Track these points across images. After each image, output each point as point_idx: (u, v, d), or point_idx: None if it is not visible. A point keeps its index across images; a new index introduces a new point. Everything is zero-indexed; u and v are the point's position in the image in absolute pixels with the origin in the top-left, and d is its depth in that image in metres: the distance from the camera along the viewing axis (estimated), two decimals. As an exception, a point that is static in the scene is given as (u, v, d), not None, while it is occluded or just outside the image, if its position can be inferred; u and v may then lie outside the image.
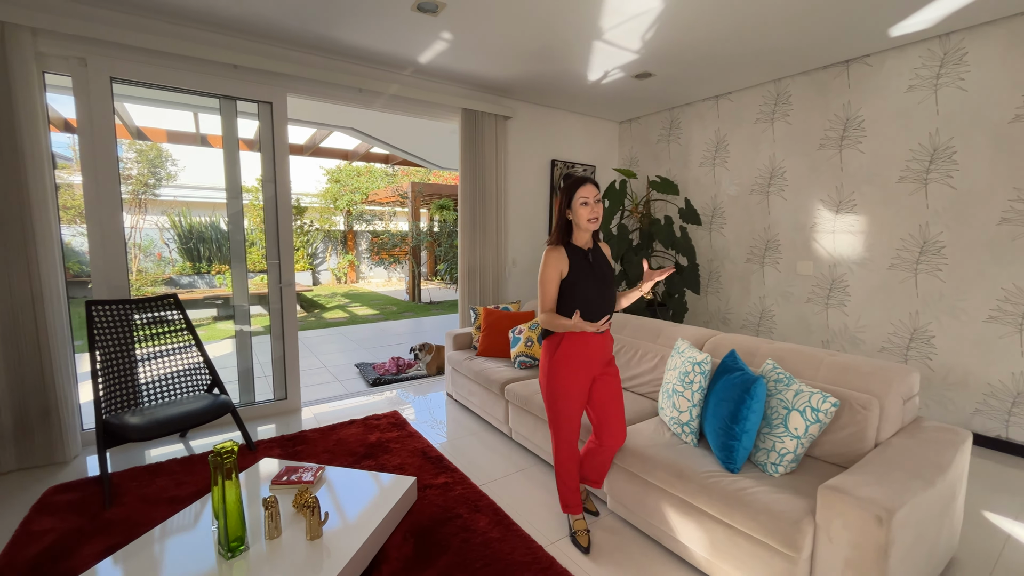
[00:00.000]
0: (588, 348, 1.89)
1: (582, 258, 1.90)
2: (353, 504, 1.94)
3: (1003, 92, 2.78)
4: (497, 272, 4.32)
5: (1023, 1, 2.57)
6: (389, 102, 3.67)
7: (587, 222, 1.85)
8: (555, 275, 1.87)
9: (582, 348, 1.89)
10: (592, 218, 1.84)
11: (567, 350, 1.89)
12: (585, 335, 1.88)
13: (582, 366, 1.90)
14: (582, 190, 1.84)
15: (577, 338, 1.88)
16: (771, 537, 1.49)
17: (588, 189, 1.84)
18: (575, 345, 1.88)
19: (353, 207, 13.00)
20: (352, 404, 3.67)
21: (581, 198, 1.83)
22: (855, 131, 3.42)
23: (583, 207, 1.84)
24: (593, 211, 1.84)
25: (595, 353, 1.92)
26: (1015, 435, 2.84)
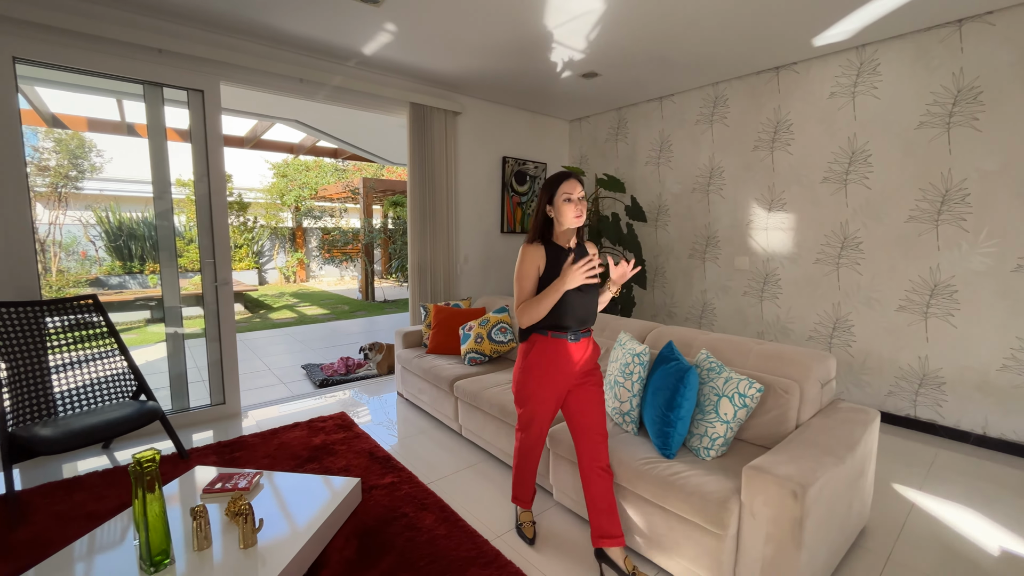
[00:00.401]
0: (563, 354, 1.77)
1: (564, 258, 1.75)
2: (292, 509, 1.88)
3: (910, 100, 3.04)
4: (448, 269, 4.29)
5: (927, 18, 2.82)
6: (333, 94, 3.55)
7: (572, 219, 1.72)
8: (532, 271, 1.74)
9: (556, 353, 1.77)
10: (577, 215, 1.72)
11: (540, 354, 1.78)
12: (552, 345, 1.76)
13: (556, 371, 1.77)
14: (565, 186, 1.72)
15: (552, 343, 1.77)
16: (701, 517, 1.57)
17: (571, 185, 1.72)
18: (549, 350, 1.77)
19: (301, 203, 12.50)
20: (297, 407, 3.55)
21: (564, 194, 1.71)
22: (785, 134, 3.64)
23: (567, 204, 1.71)
24: (578, 208, 1.72)
25: (571, 359, 1.78)
26: (921, 413, 3.13)
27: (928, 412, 3.10)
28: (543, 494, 2.33)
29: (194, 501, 1.93)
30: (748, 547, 1.53)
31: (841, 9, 2.71)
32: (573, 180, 1.74)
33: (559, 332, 1.77)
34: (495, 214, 4.78)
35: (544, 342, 1.78)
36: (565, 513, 2.18)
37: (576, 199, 1.72)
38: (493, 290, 4.85)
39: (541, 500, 2.28)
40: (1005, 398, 2.81)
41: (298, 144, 6.94)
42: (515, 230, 4.92)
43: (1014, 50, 2.66)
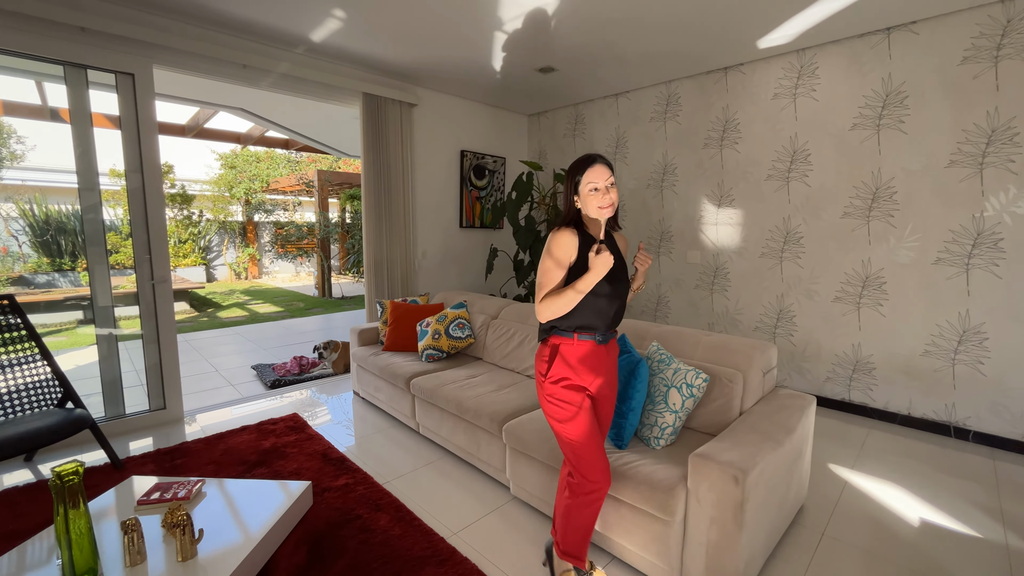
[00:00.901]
0: (592, 359, 1.56)
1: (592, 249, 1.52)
2: (236, 517, 1.80)
3: (844, 103, 3.22)
4: (406, 265, 4.21)
5: (859, 26, 2.98)
6: (279, 81, 3.39)
7: (597, 210, 1.50)
8: (563, 258, 1.51)
9: (586, 357, 1.55)
10: (605, 206, 1.50)
11: (568, 361, 1.54)
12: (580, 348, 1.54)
13: (589, 379, 1.56)
14: (590, 173, 1.50)
15: (578, 347, 1.55)
16: (650, 505, 1.61)
17: (597, 171, 1.50)
18: (578, 354, 1.54)
19: (252, 196, 11.94)
20: (246, 409, 3.40)
21: (590, 183, 1.49)
22: (733, 132, 3.78)
23: (593, 194, 1.50)
24: (606, 197, 1.49)
25: (602, 364, 1.58)
26: (855, 397, 3.35)
27: (861, 396, 3.32)
28: (499, 488, 2.34)
29: (128, 514, 1.81)
30: (694, 531, 1.59)
31: (782, 14, 2.82)
32: (599, 166, 1.51)
33: (587, 333, 1.54)
34: (454, 209, 4.73)
35: (569, 346, 1.55)
36: (522, 508, 2.20)
37: (604, 187, 1.49)
38: (452, 285, 4.80)
39: (497, 494, 2.29)
40: (927, 381, 3.04)
41: (245, 134, 6.61)
42: (474, 225, 4.89)
43: (935, 57, 2.87)
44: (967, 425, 2.93)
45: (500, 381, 2.70)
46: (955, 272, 2.90)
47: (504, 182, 5.13)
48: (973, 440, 2.90)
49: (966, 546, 1.95)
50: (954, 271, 2.90)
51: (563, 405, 1.55)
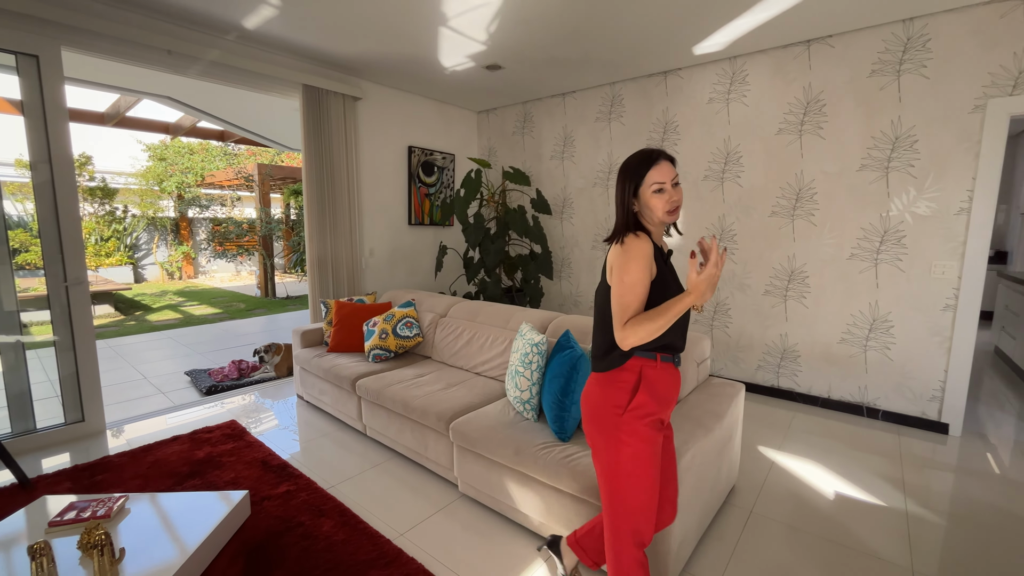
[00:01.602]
0: (673, 386, 1.36)
1: (661, 258, 1.33)
2: (164, 533, 1.70)
3: (771, 109, 3.44)
4: (352, 263, 4.10)
5: (782, 37, 3.19)
6: (209, 69, 3.19)
7: (665, 215, 1.29)
8: (645, 274, 1.26)
9: (668, 384, 1.34)
10: (671, 208, 1.29)
11: (653, 388, 1.31)
12: (658, 372, 1.32)
13: (666, 412, 1.35)
14: (654, 172, 1.28)
15: (662, 371, 1.33)
16: (590, 493, 1.67)
17: (662, 169, 1.29)
18: (663, 380, 1.33)
19: (185, 190, 11.18)
20: (179, 418, 3.20)
21: (654, 183, 1.28)
22: (672, 134, 3.95)
23: (658, 196, 1.28)
24: (671, 199, 1.29)
25: (675, 395, 1.38)
26: (783, 383, 3.60)
27: (787, 382, 3.58)
28: (447, 486, 2.34)
29: (38, 537, 1.67)
30: (632, 517, 1.67)
31: (713, 23, 2.98)
32: (664, 163, 1.30)
33: (667, 354, 1.33)
34: (402, 206, 4.65)
35: (654, 370, 1.31)
36: (471, 504, 2.21)
37: (670, 186, 1.29)
38: (401, 284, 4.73)
39: (445, 493, 2.29)
40: (844, 366, 3.32)
41: (175, 124, 6.17)
42: (423, 222, 4.83)
43: (848, 69, 3.12)
44: (877, 405, 3.22)
45: (448, 379, 2.69)
46: (866, 266, 3.18)
47: (454, 179, 5.10)
48: (882, 419, 3.20)
49: (873, 514, 2.16)
50: (865, 265, 3.18)
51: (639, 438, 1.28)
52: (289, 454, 2.68)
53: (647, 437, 1.29)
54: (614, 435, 1.30)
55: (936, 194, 2.91)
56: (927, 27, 2.85)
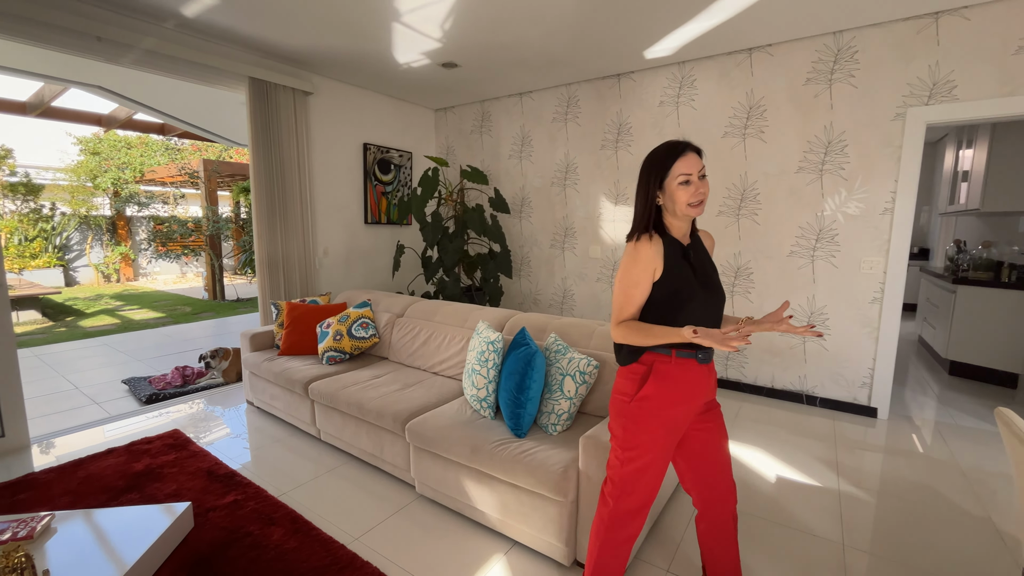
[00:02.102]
0: (692, 382, 1.33)
1: (680, 255, 1.33)
2: (98, 551, 1.59)
3: (718, 113, 3.60)
4: (306, 263, 3.97)
5: (725, 45, 3.34)
6: (145, 59, 3.01)
7: (687, 208, 1.29)
8: (646, 276, 1.29)
9: (685, 381, 1.32)
10: (695, 202, 1.29)
11: (662, 383, 1.31)
12: (676, 368, 1.31)
13: (683, 407, 1.34)
14: (681, 163, 1.27)
15: (677, 366, 1.31)
16: (544, 488, 1.70)
17: (689, 161, 1.27)
18: (676, 376, 1.32)
19: (122, 187, 10.47)
20: (115, 430, 3.00)
21: (680, 175, 1.27)
22: (626, 136, 4.06)
23: (683, 188, 1.27)
24: (697, 192, 1.28)
25: (701, 388, 1.35)
26: (731, 374, 3.78)
27: (736, 373, 3.75)
28: (405, 488, 2.31)
29: (-54, 565, 1.53)
30: (586, 509, 1.71)
31: (661, 29, 3.08)
32: (691, 154, 1.29)
33: (686, 351, 1.31)
34: (358, 204, 4.54)
35: (667, 365, 1.31)
36: (428, 505, 2.19)
37: (696, 178, 1.28)
38: (357, 284, 4.62)
39: (403, 494, 2.26)
40: (785, 357, 3.52)
41: (109, 115, 5.76)
42: (380, 221, 4.74)
43: (785, 77, 3.31)
44: (815, 393, 3.44)
45: (405, 380, 2.66)
46: (804, 263, 3.38)
47: (411, 177, 5.03)
48: (820, 405, 3.42)
49: (810, 494, 2.30)
50: (803, 262, 3.38)
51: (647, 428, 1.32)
52: (239, 463, 2.57)
53: (650, 430, 1.32)
54: (618, 421, 1.37)
55: (864, 195, 3.13)
56: (855, 40, 3.06)
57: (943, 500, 2.27)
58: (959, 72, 2.79)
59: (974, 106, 2.77)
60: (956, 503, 2.25)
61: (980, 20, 2.71)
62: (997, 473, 2.53)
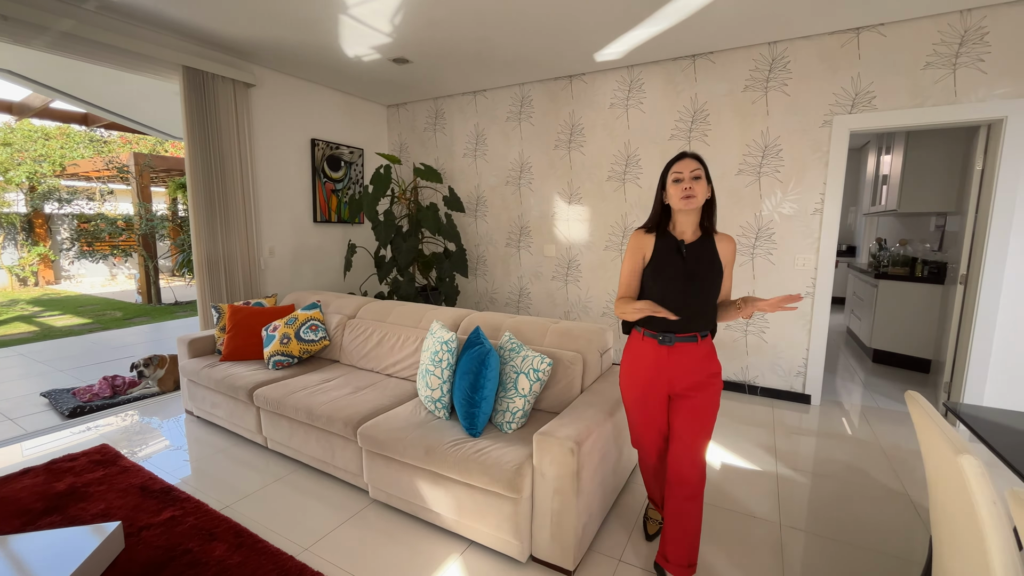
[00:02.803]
0: (648, 358, 1.61)
1: (672, 248, 1.57)
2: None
3: (664, 116, 3.73)
4: (249, 264, 3.78)
5: (671, 51, 3.47)
6: (61, 42, 2.76)
7: (677, 200, 1.54)
8: (633, 261, 1.62)
9: (643, 355, 1.63)
10: (685, 196, 1.52)
11: (628, 354, 1.69)
12: (643, 345, 1.62)
13: (641, 376, 1.64)
14: (678, 164, 1.56)
15: (633, 346, 1.66)
16: (499, 486, 1.70)
17: (684, 163, 1.55)
18: (636, 350, 1.65)
19: (39, 181, 9.57)
20: (34, 447, 2.74)
21: (674, 173, 1.55)
22: (578, 136, 4.13)
23: (675, 185, 1.54)
24: (687, 188, 1.51)
25: (657, 365, 1.60)
26: (679, 368, 3.93)
27: (684, 366, 3.91)
28: (358, 494, 2.26)
29: None
30: (540, 504, 1.73)
31: (609, 34, 3.16)
32: (688, 159, 1.55)
33: (650, 332, 1.60)
34: (305, 202, 4.37)
35: (634, 340, 1.67)
36: (382, 510, 2.15)
37: (688, 177, 1.52)
38: (307, 285, 4.46)
39: (355, 500, 2.21)
40: (730, 349, 3.71)
41: (21, 103, 5.25)
42: (330, 219, 4.59)
43: (726, 83, 3.47)
44: (756, 382, 3.64)
45: (357, 383, 2.59)
46: (745, 260, 3.57)
47: (363, 174, 4.90)
48: (760, 394, 3.62)
49: (750, 478, 2.44)
50: (744, 259, 3.57)
51: (623, 392, 1.75)
52: (177, 477, 2.42)
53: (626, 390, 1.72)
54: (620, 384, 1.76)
55: (797, 196, 3.34)
56: (787, 50, 3.26)
57: (868, 478, 2.47)
58: (878, 84, 3.03)
59: (890, 116, 3.02)
60: (879, 480, 2.45)
61: (894, 37, 2.96)
62: (912, 450, 2.77)
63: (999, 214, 2.80)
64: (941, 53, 2.85)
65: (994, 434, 1.46)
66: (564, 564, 1.72)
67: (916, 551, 1.91)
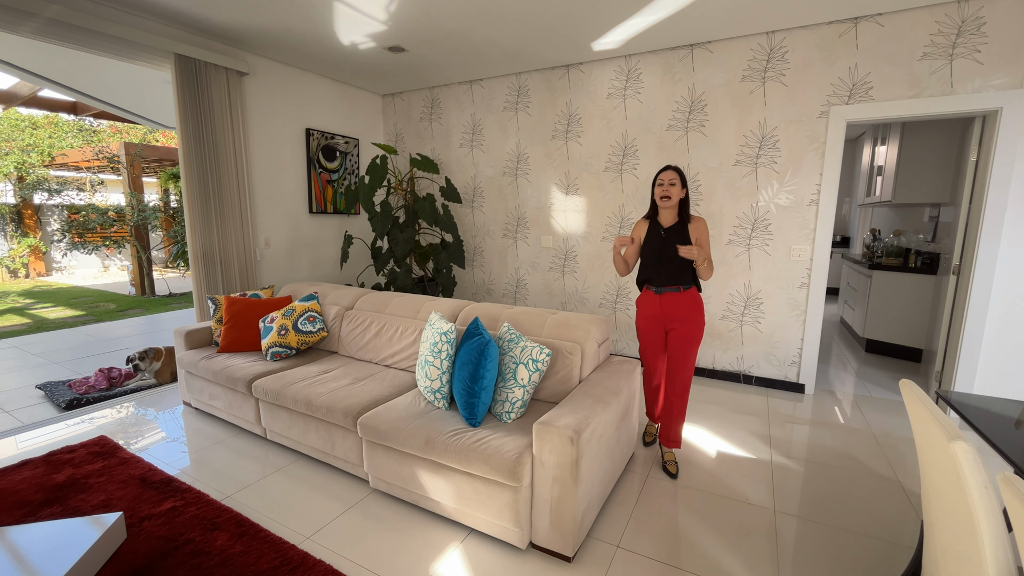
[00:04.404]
0: (649, 302, 2.40)
1: (655, 232, 2.36)
2: (14, 572, 1.46)
3: (662, 106, 3.72)
4: (245, 255, 3.76)
5: (669, 40, 3.45)
6: (48, 28, 2.71)
7: (658, 199, 2.30)
8: (635, 240, 2.39)
9: (642, 303, 2.44)
10: (660, 196, 2.29)
11: (641, 301, 2.46)
12: (645, 294, 2.42)
13: (649, 313, 2.39)
14: (662, 175, 2.30)
15: (641, 295, 2.46)
16: (499, 475, 1.72)
17: (666, 174, 2.29)
18: (645, 298, 2.43)
19: (27, 172, 9.43)
20: (30, 439, 2.74)
21: (658, 181, 2.30)
22: (575, 126, 4.11)
23: (657, 188, 2.30)
24: (664, 190, 2.27)
25: (656, 305, 2.37)
26: (675, 358, 3.96)
27: (680, 356, 3.94)
28: (358, 483, 2.27)
29: None
30: (540, 492, 1.75)
31: (607, 21, 3.13)
32: (669, 171, 2.29)
33: (650, 286, 2.40)
34: (301, 193, 4.34)
35: (643, 293, 2.45)
36: (383, 499, 2.17)
37: (666, 183, 2.28)
38: (303, 276, 4.44)
39: (356, 490, 2.22)
40: (725, 339, 3.74)
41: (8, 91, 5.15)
42: (326, 210, 4.56)
43: (724, 74, 3.46)
44: (751, 372, 3.68)
45: (356, 374, 2.60)
46: (741, 251, 3.59)
47: (359, 165, 4.86)
48: (755, 384, 3.66)
49: (745, 466, 2.48)
50: (740, 250, 3.59)
51: (637, 324, 2.49)
52: (176, 468, 2.43)
53: (638, 322, 2.48)
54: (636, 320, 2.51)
55: (793, 187, 3.35)
56: (785, 40, 3.25)
57: (860, 465, 2.51)
58: (875, 74, 3.04)
59: (887, 106, 3.02)
60: (871, 467, 2.49)
61: (892, 27, 2.96)
62: (904, 438, 2.82)
63: (992, 205, 2.83)
64: (938, 43, 2.86)
65: (984, 421, 1.49)
66: (564, 551, 1.75)
67: (907, 535, 1.96)
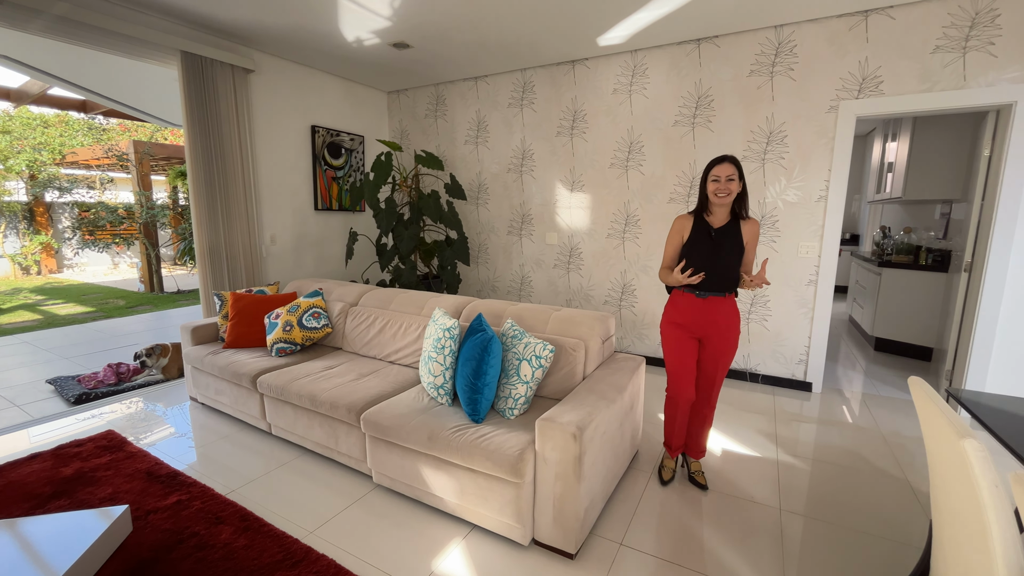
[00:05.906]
0: (682, 310, 2.11)
1: (704, 231, 2.05)
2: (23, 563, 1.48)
3: (668, 102, 3.69)
4: (251, 252, 3.78)
5: (676, 35, 3.42)
6: (56, 26, 2.73)
7: (714, 196, 1.99)
8: (675, 238, 2.12)
9: (678, 309, 2.13)
10: (717, 192, 1.98)
11: (672, 305, 2.16)
12: (683, 299, 2.10)
13: (681, 320, 2.11)
14: (716, 168, 1.98)
15: (676, 299, 2.14)
16: (502, 471, 1.72)
17: (722, 167, 1.97)
18: (673, 305, 2.16)
19: (39, 170, 9.54)
20: (41, 433, 2.77)
21: (712, 175, 1.99)
22: (581, 123, 4.09)
23: (711, 183, 2.00)
24: (721, 187, 1.97)
25: (691, 316, 2.10)
26: (681, 355, 3.94)
27: (685, 354, 3.92)
28: (361, 479, 2.28)
29: None
30: (543, 489, 1.74)
31: (613, 16, 3.10)
32: (726, 163, 1.97)
33: (690, 289, 2.08)
34: (307, 189, 4.35)
35: (675, 296, 2.15)
36: (386, 494, 2.17)
37: (723, 179, 1.96)
38: (308, 273, 4.46)
39: (359, 485, 2.23)
40: (730, 337, 3.71)
41: (18, 90, 5.21)
42: (331, 207, 4.57)
43: (731, 68, 3.42)
44: (757, 370, 3.65)
45: (360, 370, 2.60)
46: (748, 248, 3.55)
47: (364, 162, 4.87)
48: (762, 382, 3.63)
49: (751, 464, 2.45)
50: (747, 247, 3.55)
51: (664, 334, 2.18)
52: (183, 462, 2.45)
53: (667, 331, 2.17)
54: (662, 329, 2.21)
55: (801, 183, 3.31)
56: (793, 34, 3.20)
57: (868, 464, 2.48)
58: (885, 68, 2.99)
59: (898, 101, 2.97)
60: (879, 467, 2.46)
61: (904, 20, 2.91)
62: (912, 437, 2.79)
63: (1006, 201, 2.78)
64: (951, 36, 2.80)
65: (995, 420, 1.46)
66: (566, 548, 1.74)
67: (915, 535, 1.93)
